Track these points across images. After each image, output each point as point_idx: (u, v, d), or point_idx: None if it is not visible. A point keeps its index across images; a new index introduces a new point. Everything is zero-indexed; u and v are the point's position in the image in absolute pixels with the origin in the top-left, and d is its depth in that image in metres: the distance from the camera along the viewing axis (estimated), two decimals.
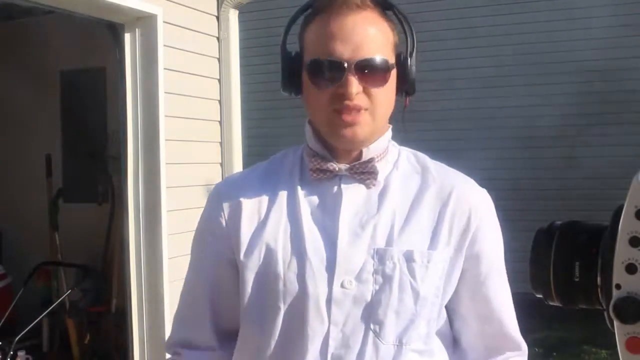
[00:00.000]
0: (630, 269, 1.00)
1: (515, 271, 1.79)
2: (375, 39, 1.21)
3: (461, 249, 1.26)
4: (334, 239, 1.23)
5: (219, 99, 4.47)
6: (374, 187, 1.27)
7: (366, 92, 1.21)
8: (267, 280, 1.24)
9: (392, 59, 1.24)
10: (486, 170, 6.51)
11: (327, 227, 1.24)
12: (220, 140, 4.48)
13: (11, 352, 4.20)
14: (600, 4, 7.22)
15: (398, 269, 1.21)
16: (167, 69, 3.97)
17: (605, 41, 7.22)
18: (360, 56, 1.19)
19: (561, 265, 1.09)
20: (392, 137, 1.33)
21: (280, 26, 1.30)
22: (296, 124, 1.41)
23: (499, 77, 7.68)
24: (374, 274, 1.21)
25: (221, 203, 1.31)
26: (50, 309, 4.74)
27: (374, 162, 1.26)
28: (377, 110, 1.22)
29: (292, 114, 3.85)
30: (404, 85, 1.27)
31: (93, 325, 5.10)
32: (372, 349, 1.21)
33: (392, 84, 1.25)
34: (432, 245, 1.24)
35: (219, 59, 4.46)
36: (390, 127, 1.31)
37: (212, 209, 1.33)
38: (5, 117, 5.63)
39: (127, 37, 3.93)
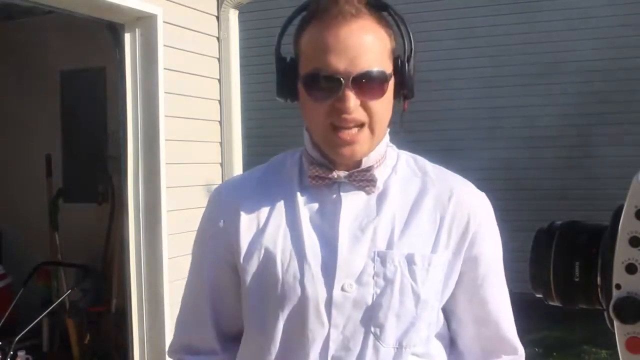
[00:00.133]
0: (630, 269, 0.99)
1: (514, 271, 1.80)
2: (372, 48, 1.19)
3: (460, 252, 1.26)
4: (333, 243, 1.23)
5: (219, 99, 4.46)
6: (373, 193, 1.26)
7: (364, 105, 1.19)
8: (267, 284, 1.23)
9: (389, 67, 1.22)
10: (486, 170, 6.55)
11: (327, 232, 1.24)
12: (220, 140, 4.48)
13: (11, 352, 4.21)
14: (600, 4, 7.22)
15: (399, 271, 1.21)
16: (167, 69, 3.97)
17: (605, 41, 7.23)
18: (357, 70, 1.17)
19: (561, 265, 1.09)
20: (391, 139, 1.32)
21: (280, 26, 1.29)
22: (296, 124, 1.40)
23: (498, 77, 7.68)
24: (375, 277, 1.21)
25: (221, 207, 1.31)
26: (50, 309, 4.75)
27: (372, 171, 1.25)
28: (375, 124, 1.21)
29: (292, 114, 3.84)
30: (403, 90, 1.25)
31: (93, 325, 5.09)
32: (373, 352, 1.21)
33: (390, 94, 1.23)
34: (433, 248, 1.24)
35: (219, 59, 4.46)
36: (388, 130, 1.30)
37: (212, 212, 1.33)
38: (5, 117, 5.62)
39: (127, 37, 3.93)
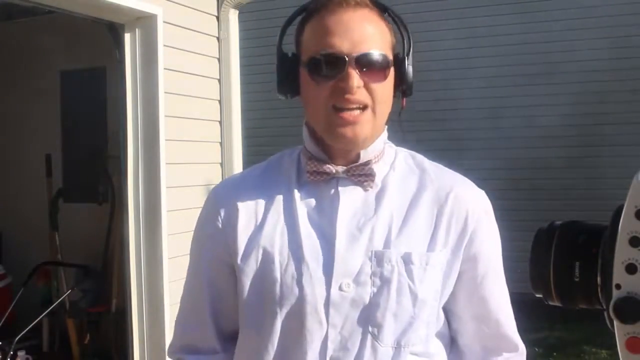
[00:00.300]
0: (630, 269, 0.99)
1: (514, 271, 1.80)
2: (373, 36, 1.21)
3: (459, 251, 1.26)
4: (331, 242, 1.22)
5: (219, 99, 4.46)
6: (371, 189, 1.26)
7: (367, 87, 1.19)
8: (265, 284, 1.23)
9: (390, 56, 1.24)
10: (486, 170, 6.54)
11: (325, 229, 1.24)
12: (220, 140, 4.47)
13: (11, 352, 4.21)
14: (600, 3, 7.22)
15: (396, 271, 1.21)
16: (167, 69, 3.96)
17: (606, 41, 7.22)
18: (359, 51, 1.18)
19: (561, 265, 1.09)
20: (390, 137, 1.32)
21: (280, 26, 1.29)
22: (296, 124, 1.40)
23: (499, 77, 7.68)
24: (372, 277, 1.20)
25: (218, 206, 1.31)
26: (50, 309, 4.75)
27: (371, 165, 1.25)
28: (377, 107, 1.21)
29: (292, 113, 3.86)
30: (401, 86, 1.26)
31: (93, 325, 5.09)
32: (371, 352, 1.20)
33: (391, 82, 1.24)
34: (430, 247, 1.23)
35: (219, 59, 4.46)
36: (386, 127, 1.30)
37: (209, 212, 1.32)
38: (5, 117, 5.62)
39: (127, 37, 3.92)
